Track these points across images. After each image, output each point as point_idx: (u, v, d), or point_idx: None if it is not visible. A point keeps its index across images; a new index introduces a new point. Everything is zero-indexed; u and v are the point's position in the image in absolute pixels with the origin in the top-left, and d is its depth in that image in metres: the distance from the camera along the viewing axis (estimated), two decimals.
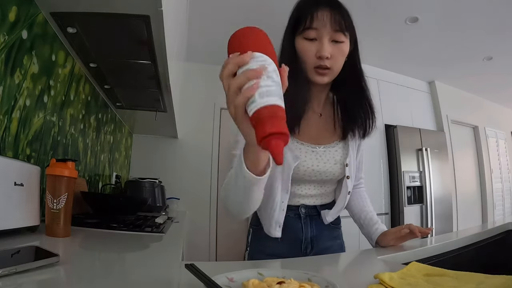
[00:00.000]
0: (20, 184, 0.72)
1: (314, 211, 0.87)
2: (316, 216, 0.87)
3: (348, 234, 1.03)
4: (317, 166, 0.80)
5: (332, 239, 0.91)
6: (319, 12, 0.70)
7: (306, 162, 0.79)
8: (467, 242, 1.00)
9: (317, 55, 0.71)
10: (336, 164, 0.82)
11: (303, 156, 0.79)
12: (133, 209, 1.42)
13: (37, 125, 1.05)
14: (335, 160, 0.82)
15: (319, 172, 0.81)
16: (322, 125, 0.84)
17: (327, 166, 0.81)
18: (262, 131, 0.38)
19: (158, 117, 2.14)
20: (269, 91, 0.40)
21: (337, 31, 0.71)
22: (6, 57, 0.83)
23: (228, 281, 0.44)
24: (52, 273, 0.47)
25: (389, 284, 0.46)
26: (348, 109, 0.82)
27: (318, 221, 0.87)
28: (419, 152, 3.26)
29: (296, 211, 0.85)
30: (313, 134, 0.82)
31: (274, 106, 0.39)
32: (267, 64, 0.41)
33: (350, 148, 0.84)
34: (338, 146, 0.83)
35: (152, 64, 1.35)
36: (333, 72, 0.74)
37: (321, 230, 0.87)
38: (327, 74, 0.73)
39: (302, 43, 0.73)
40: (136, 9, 0.96)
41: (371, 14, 2.43)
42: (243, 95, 0.40)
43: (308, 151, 0.80)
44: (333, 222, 0.90)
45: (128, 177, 2.74)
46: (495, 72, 3.45)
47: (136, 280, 0.50)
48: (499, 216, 4.08)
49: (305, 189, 0.84)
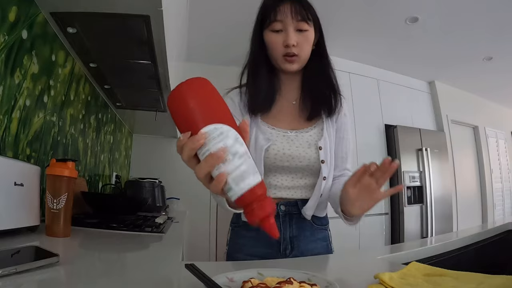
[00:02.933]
0: (20, 184, 0.72)
1: (294, 209, 0.83)
2: (297, 214, 0.83)
3: (348, 234, 1.02)
4: (289, 149, 0.80)
5: (315, 240, 0.86)
6: (281, 6, 0.77)
7: (276, 145, 0.80)
8: (467, 242, 1.00)
9: (284, 44, 0.77)
10: (310, 147, 0.81)
11: (274, 140, 0.80)
12: (133, 209, 1.42)
13: (37, 125, 1.05)
14: (308, 143, 0.82)
15: (292, 156, 0.80)
16: (296, 112, 0.86)
17: (300, 150, 0.81)
18: (253, 218, 0.39)
19: (158, 117, 2.14)
20: (242, 173, 0.38)
21: (300, 21, 0.77)
22: (6, 57, 0.83)
23: (228, 281, 0.44)
24: (52, 273, 0.47)
25: (389, 284, 0.46)
26: (313, 90, 0.85)
27: (299, 220, 0.84)
28: (419, 152, 3.25)
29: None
30: (285, 120, 0.85)
31: (253, 189, 0.38)
32: (226, 138, 0.38)
33: (325, 132, 0.83)
34: (312, 131, 0.84)
35: (152, 64, 1.35)
36: (301, 58, 0.80)
37: (302, 230, 0.84)
38: (296, 61, 0.79)
39: (270, 35, 0.79)
40: (136, 9, 0.96)
41: (371, 14, 2.43)
42: (215, 185, 0.38)
43: (279, 135, 0.82)
44: (317, 222, 0.86)
45: (128, 177, 2.74)
46: (495, 72, 3.45)
47: (136, 280, 0.50)
48: (499, 216, 4.08)
49: (281, 179, 0.82)
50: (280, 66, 0.81)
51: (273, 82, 0.85)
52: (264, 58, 0.83)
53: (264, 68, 0.83)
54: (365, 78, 3.25)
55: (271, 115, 0.84)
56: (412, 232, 3.05)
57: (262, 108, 0.83)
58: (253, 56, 0.85)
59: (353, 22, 2.54)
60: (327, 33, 0.85)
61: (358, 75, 3.18)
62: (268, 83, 0.83)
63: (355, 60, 3.17)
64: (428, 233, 3.12)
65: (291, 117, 0.86)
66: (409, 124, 3.39)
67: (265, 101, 0.83)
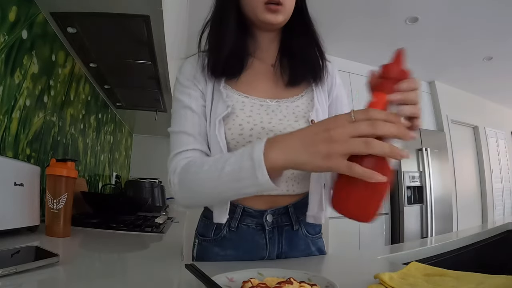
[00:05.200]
0: (20, 184, 0.72)
1: (285, 218, 0.65)
2: (288, 226, 0.65)
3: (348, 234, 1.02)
4: (269, 123, 0.62)
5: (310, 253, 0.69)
6: None
7: (252, 117, 0.62)
8: (467, 242, 1.00)
9: None
10: (298, 121, 0.64)
11: (248, 111, 0.63)
12: (133, 209, 1.42)
13: (37, 125, 1.05)
14: (295, 116, 0.64)
15: (274, 132, 0.61)
16: (275, 78, 0.69)
17: (285, 123, 0.63)
18: None
19: (158, 117, 2.14)
20: None
21: None
22: (6, 57, 0.83)
23: (228, 281, 0.44)
24: (52, 273, 0.47)
25: (389, 284, 0.46)
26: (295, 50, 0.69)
27: (290, 234, 0.66)
28: (419, 152, 3.26)
29: (259, 220, 0.63)
30: (262, 87, 0.67)
31: None
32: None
33: (317, 102, 0.66)
34: (299, 101, 0.67)
35: (152, 64, 1.35)
36: (286, 9, 0.63)
37: (294, 245, 0.67)
38: (280, 10, 0.62)
39: None
40: (136, 9, 0.96)
41: (371, 14, 2.43)
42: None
43: (255, 105, 0.64)
44: (311, 231, 0.69)
45: (128, 177, 2.74)
46: (495, 72, 3.46)
47: (136, 280, 0.50)
48: (499, 216, 4.08)
49: None
50: (260, 17, 0.62)
51: (245, 41, 0.67)
52: (234, 10, 0.65)
53: (233, 23, 0.65)
54: (365, 78, 3.24)
55: (243, 80, 0.66)
56: (412, 232, 3.05)
57: (228, 69, 0.64)
58: (219, 5, 0.67)
59: (353, 22, 2.54)
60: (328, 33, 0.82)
61: (358, 75, 3.18)
62: (238, 41, 0.65)
63: (355, 60, 3.17)
64: (428, 233, 3.12)
65: (270, 83, 0.68)
66: None
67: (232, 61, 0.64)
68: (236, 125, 0.61)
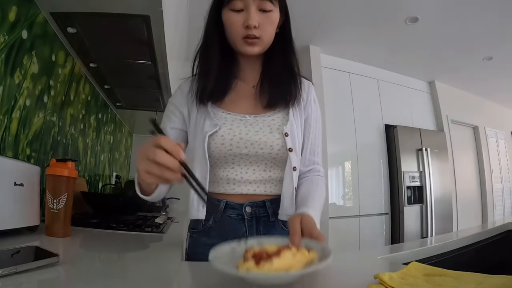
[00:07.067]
0: (20, 184, 0.72)
1: (262, 210, 0.74)
2: (265, 217, 0.74)
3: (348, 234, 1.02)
4: (246, 134, 0.71)
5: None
6: None
7: (232, 130, 0.71)
8: (467, 242, 1.00)
9: (245, 25, 0.69)
10: (272, 132, 0.72)
11: (229, 124, 0.72)
12: (133, 209, 1.42)
13: (37, 125, 1.05)
14: (270, 128, 0.73)
15: (251, 142, 0.71)
16: (256, 97, 0.78)
17: (261, 134, 0.72)
18: None
19: (158, 117, 2.14)
20: None
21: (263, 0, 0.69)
22: (6, 57, 0.83)
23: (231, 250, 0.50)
24: (52, 273, 0.47)
25: (389, 284, 0.46)
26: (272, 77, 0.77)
27: (267, 224, 0.74)
28: (419, 152, 3.25)
29: (239, 211, 0.73)
30: (243, 105, 0.77)
31: None
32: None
33: (292, 117, 0.75)
34: (276, 115, 0.76)
35: (152, 64, 1.35)
36: (263, 41, 0.71)
37: (271, 234, 0.73)
38: (257, 43, 0.70)
39: (229, 14, 0.70)
40: (136, 9, 0.96)
41: (371, 14, 2.43)
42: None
43: (236, 120, 0.73)
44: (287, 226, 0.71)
45: (128, 177, 2.74)
46: (495, 72, 3.45)
47: (136, 280, 0.50)
48: (499, 216, 4.08)
49: (240, 171, 0.73)
50: (239, 49, 0.71)
51: (229, 66, 0.76)
52: (218, 39, 0.74)
53: (218, 51, 0.74)
54: (365, 78, 3.25)
55: (228, 99, 0.76)
56: (412, 232, 3.05)
57: (212, 95, 0.74)
58: (206, 38, 0.75)
59: (353, 22, 2.54)
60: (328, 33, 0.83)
61: (358, 75, 3.18)
62: (222, 68, 0.74)
63: (355, 60, 3.17)
64: (428, 233, 3.12)
65: (251, 101, 0.77)
66: (409, 124, 3.39)
67: (216, 88, 0.74)
68: (219, 136, 0.71)
